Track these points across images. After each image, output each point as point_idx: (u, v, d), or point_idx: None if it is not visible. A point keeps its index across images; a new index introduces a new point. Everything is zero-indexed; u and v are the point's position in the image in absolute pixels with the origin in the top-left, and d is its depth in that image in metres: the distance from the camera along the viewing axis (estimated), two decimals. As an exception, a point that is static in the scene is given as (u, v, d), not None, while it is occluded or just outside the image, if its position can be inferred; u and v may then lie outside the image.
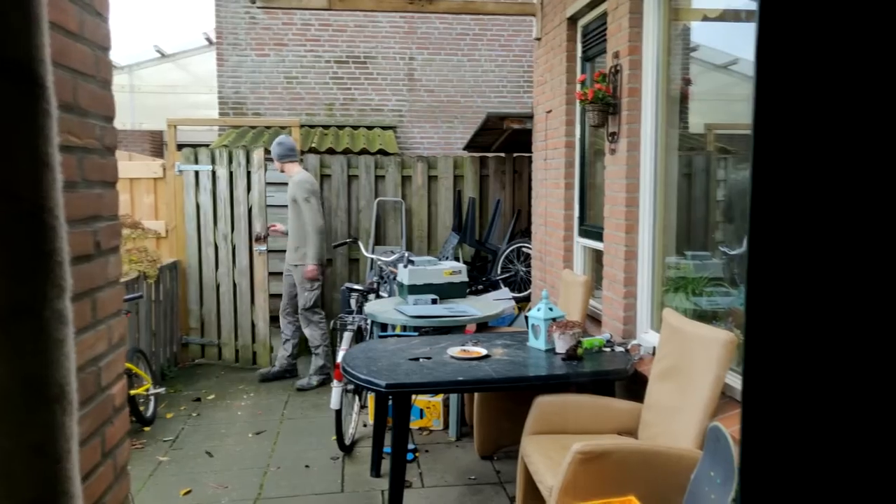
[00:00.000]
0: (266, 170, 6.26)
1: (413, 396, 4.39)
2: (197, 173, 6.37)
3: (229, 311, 6.37)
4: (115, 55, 10.28)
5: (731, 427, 2.62)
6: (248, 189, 6.25)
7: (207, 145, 7.08)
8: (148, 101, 11.45)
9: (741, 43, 4.12)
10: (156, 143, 11.15)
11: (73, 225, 1.37)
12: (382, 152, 7.76)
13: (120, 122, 10.29)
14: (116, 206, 1.58)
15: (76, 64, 1.39)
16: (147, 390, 4.75)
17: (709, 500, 2.40)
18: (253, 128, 8.42)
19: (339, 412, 4.09)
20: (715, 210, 6.48)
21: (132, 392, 4.46)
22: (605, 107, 4.13)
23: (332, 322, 5.55)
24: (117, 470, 1.56)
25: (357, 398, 4.63)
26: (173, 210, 6.41)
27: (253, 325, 6.36)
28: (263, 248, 6.25)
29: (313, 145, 7.64)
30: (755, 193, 0.69)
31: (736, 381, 3.03)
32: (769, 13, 0.66)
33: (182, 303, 6.46)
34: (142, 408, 4.67)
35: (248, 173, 6.27)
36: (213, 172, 6.29)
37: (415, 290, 4.84)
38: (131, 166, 6.46)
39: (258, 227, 6.23)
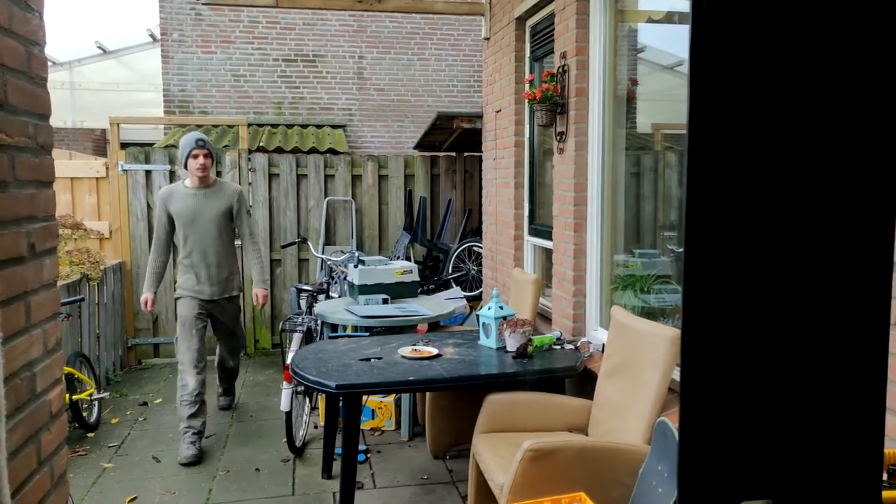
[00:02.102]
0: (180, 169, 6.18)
1: (364, 397, 4.37)
2: (148, 173, 6.27)
3: None
4: (54, 51, 9.86)
5: (678, 422, 2.67)
6: None
7: (152, 144, 6.92)
8: (89, 98, 11.10)
9: (686, 44, 4.22)
10: (98, 142, 10.82)
11: (5, 226, 1.32)
12: (332, 151, 7.69)
13: (60, 120, 9.92)
14: (52, 207, 1.52)
15: (5, 59, 1.34)
16: (90, 395, 4.61)
17: (656, 494, 2.45)
18: (199, 126, 8.25)
19: (289, 414, 4.03)
20: (663, 208, 6.62)
21: (75, 398, 4.32)
22: (553, 106, 4.17)
23: (281, 323, 5.47)
24: (55, 478, 1.51)
25: (308, 400, 4.58)
26: (118, 210, 6.24)
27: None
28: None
29: (261, 144, 7.53)
30: (690, 194, 0.70)
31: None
32: (701, 21, 0.68)
33: (128, 304, 6.30)
34: (85, 413, 4.53)
35: (219, 173, 6.40)
36: (172, 172, 6.27)
37: (365, 290, 4.81)
38: (72, 165, 6.26)
39: None
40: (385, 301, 4.79)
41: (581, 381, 3.78)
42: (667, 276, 4.71)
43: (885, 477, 1.41)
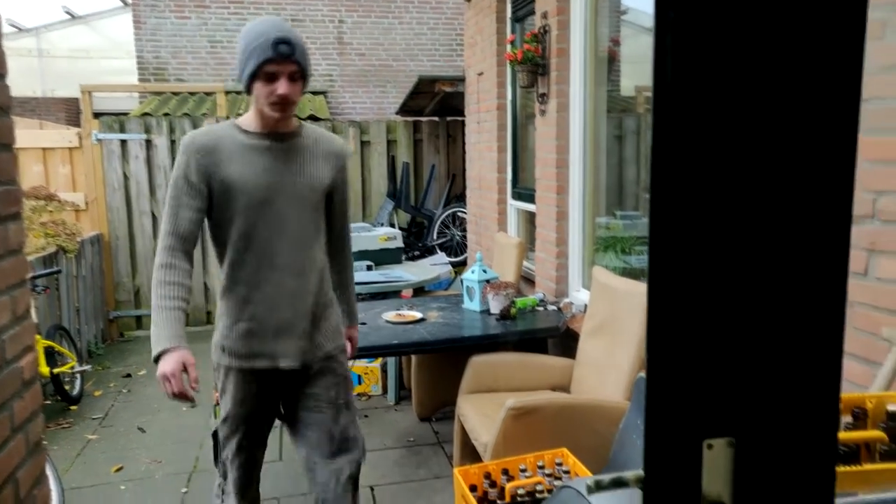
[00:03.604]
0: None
1: (350, 363, 4.37)
2: (124, 142, 6.18)
3: None
4: (19, 16, 9.50)
5: (645, 368, 2.70)
6: None
7: (127, 114, 6.80)
8: (59, 66, 10.83)
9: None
10: (71, 112, 10.61)
11: (-35, 189, 1.28)
12: (313, 118, 7.60)
13: (30, 89, 9.67)
14: (14, 171, 1.48)
15: (-41, 15, 1.29)
16: (72, 368, 4.58)
17: (635, 447, 2.48)
18: (175, 94, 8.11)
19: (274, 381, 4.03)
20: (645, 171, 6.60)
21: (56, 371, 4.29)
22: (534, 67, 4.13)
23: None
24: (30, 445, 1.50)
25: (293, 367, 4.57)
26: (93, 181, 6.14)
27: (206, 287, 6.53)
28: None
29: (240, 112, 7.42)
30: (656, 159, 0.69)
31: (662, 334, 3.12)
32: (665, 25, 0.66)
33: (108, 277, 6.25)
34: (67, 387, 4.51)
35: None
36: (148, 141, 6.19)
37: (349, 256, 4.79)
38: (44, 135, 6.13)
39: None
40: (369, 268, 4.78)
41: (564, 342, 3.80)
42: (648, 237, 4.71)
43: (849, 420, 1.43)
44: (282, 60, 1.98)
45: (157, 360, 1.96)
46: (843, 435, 1.41)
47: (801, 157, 0.71)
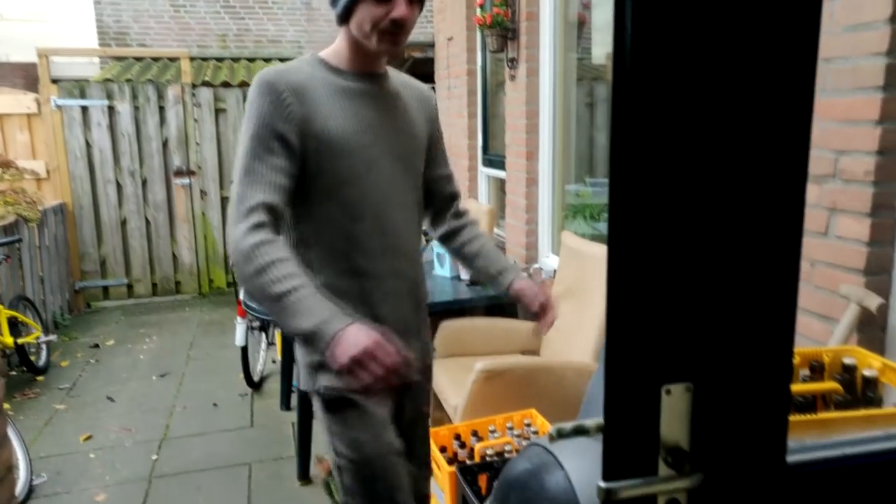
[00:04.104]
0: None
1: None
2: (85, 109, 6.02)
3: (142, 248, 6.39)
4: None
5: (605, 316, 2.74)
6: (162, 124, 6.31)
7: (87, 80, 6.62)
8: (14, 30, 10.47)
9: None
10: (30, 78, 10.27)
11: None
12: (281, 85, 7.47)
13: (-17, 55, 9.23)
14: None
15: None
16: (37, 339, 4.52)
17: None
18: (138, 59, 7.90)
19: (244, 349, 4.02)
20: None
21: (20, 341, 4.22)
22: (503, 32, 4.09)
23: (230, 259, 5.40)
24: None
25: (264, 335, 4.57)
26: (54, 149, 5.99)
27: (175, 257, 6.48)
28: (186, 181, 6.34)
29: (206, 79, 7.26)
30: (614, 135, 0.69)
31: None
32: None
33: (72, 247, 6.13)
34: (33, 357, 4.44)
35: (161, 109, 6.28)
36: (111, 108, 6.04)
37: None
38: (-1, 101, 5.95)
39: (177, 161, 6.34)
40: (338, 235, 4.75)
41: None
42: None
43: (807, 372, 1.47)
44: None
45: (324, 348, 1.31)
46: (800, 387, 1.45)
47: (758, 115, 0.72)
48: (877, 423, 1.26)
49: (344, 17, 1.53)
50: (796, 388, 1.44)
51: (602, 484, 0.76)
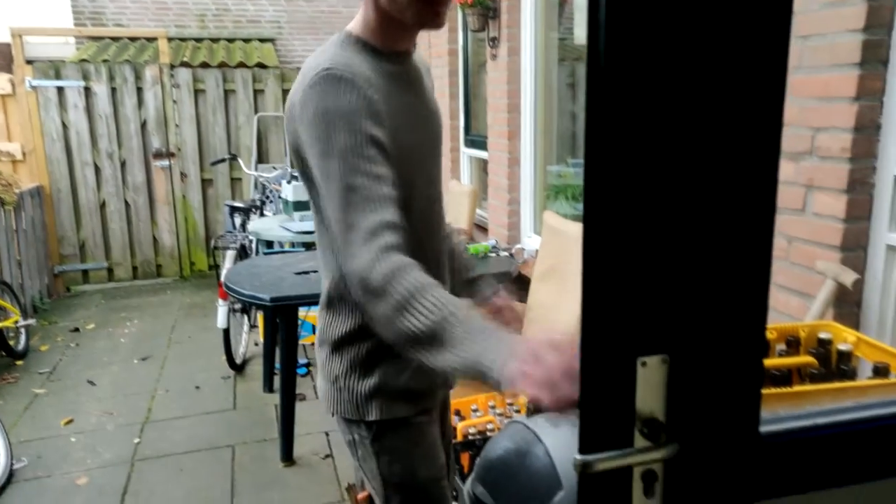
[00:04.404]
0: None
1: (304, 312, 4.36)
2: (61, 90, 5.92)
3: (121, 230, 6.33)
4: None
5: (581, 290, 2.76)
6: (140, 105, 6.24)
7: (63, 61, 6.51)
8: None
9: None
10: (3, 58, 10.09)
11: None
12: (261, 66, 7.38)
13: (-47, 34, 9.02)
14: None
15: None
16: (16, 323, 4.47)
17: (584, 386, 2.54)
18: (115, 39, 7.77)
19: (226, 331, 4.01)
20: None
21: (-1, 325, 4.18)
22: (484, 11, 4.07)
23: (212, 241, 5.36)
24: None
25: (246, 318, 4.55)
26: (30, 131, 5.90)
27: (155, 240, 6.42)
28: (166, 163, 6.27)
29: (185, 59, 7.15)
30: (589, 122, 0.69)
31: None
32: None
33: (51, 230, 6.06)
34: (11, 341, 4.40)
35: (139, 90, 6.22)
36: (87, 89, 5.94)
37: (300, 206, 4.72)
38: (-29, 81, 5.84)
39: (157, 143, 6.26)
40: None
41: (516, 286, 3.85)
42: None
43: (784, 347, 1.49)
44: None
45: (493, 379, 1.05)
46: (776, 360, 1.47)
47: (730, 93, 0.72)
48: (849, 396, 1.28)
49: None
50: (773, 361, 1.46)
51: (578, 457, 0.77)
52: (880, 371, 1.34)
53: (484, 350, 1.03)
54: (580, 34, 4.81)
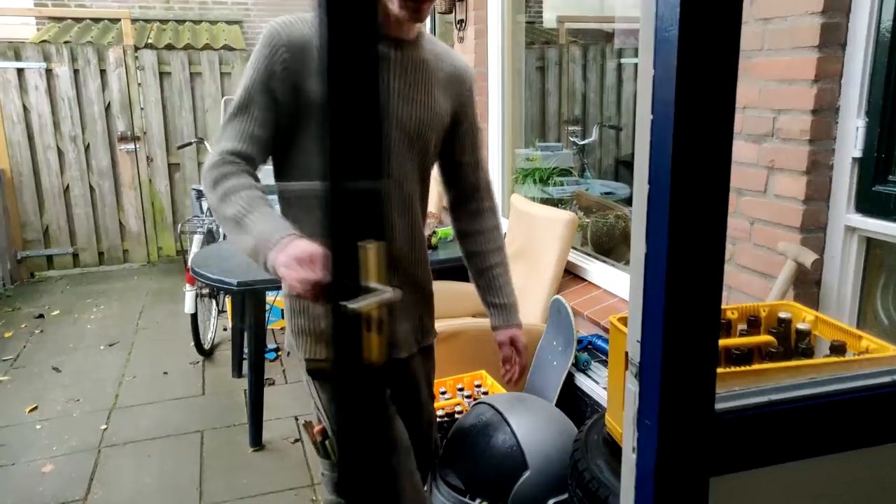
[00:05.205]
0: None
1: (273, 297, 4.33)
2: (21, 71, 5.77)
3: (86, 215, 6.22)
4: None
5: (571, 301, 2.78)
6: (104, 88, 6.09)
7: (23, 42, 6.34)
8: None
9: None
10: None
11: None
12: (228, 48, 7.27)
13: None
14: None
15: None
16: (-23, 310, 4.38)
17: (552, 367, 2.57)
18: (78, 20, 7.59)
19: (194, 316, 3.96)
20: (567, 103, 6.66)
21: (-41, 312, 4.09)
22: (453, -8, 4.04)
23: (179, 226, 5.29)
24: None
25: (214, 303, 4.50)
26: (-11, 113, 5.75)
27: (122, 225, 6.32)
28: (131, 146, 6.17)
29: (150, 41, 7.01)
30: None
31: (576, 259, 3.20)
32: None
33: (13, 215, 5.93)
34: (-27, 329, 4.31)
35: (103, 72, 6.07)
36: (49, 71, 5.80)
37: (269, 189, 4.67)
38: (-71, 63, 5.66)
39: (122, 127, 6.15)
40: (289, 200, 4.68)
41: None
42: (568, 168, 4.79)
43: (745, 327, 1.51)
44: None
45: (269, 256, 1.29)
46: (737, 340, 1.50)
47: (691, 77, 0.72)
48: (806, 373, 1.31)
49: None
50: (733, 341, 1.49)
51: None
52: (837, 349, 1.37)
53: (275, 229, 1.31)
54: (549, 17, 4.83)
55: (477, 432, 1.98)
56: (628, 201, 4.36)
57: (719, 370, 0.87)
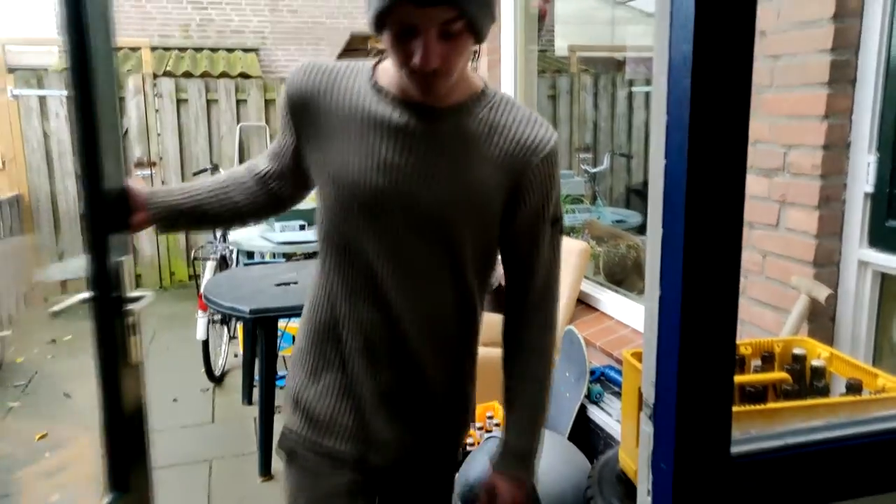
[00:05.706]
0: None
1: (284, 323, 4.33)
2: (43, 99, 5.88)
3: None
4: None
5: (584, 331, 2.77)
6: (122, 114, 6.21)
7: (45, 69, 6.47)
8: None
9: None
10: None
11: None
12: (244, 76, 7.37)
13: (-64, 42, 8.94)
14: None
15: None
16: (-9, 334, 4.41)
17: (564, 399, 2.56)
18: (97, 49, 7.73)
19: (206, 343, 3.98)
20: (579, 131, 6.70)
21: (-27, 336, 4.12)
22: (466, 24, 4.09)
23: (192, 252, 5.32)
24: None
25: (226, 329, 4.52)
26: (10, 139, 5.84)
27: (135, 250, 6.36)
28: (147, 172, 6.26)
29: (168, 69, 7.13)
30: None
31: (589, 289, 3.20)
32: None
33: (30, 241, 6.00)
34: (-14, 353, 4.34)
35: (122, 99, 6.16)
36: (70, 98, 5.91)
37: (282, 216, 4.71)
38: (-48, 90, 5.78)
39: (138, 152, 6.25)
40: (302, 227, 4.71)
41: (497, 298, 3.85)
42: (580, 196, 4.81)
43: (759, 363, 1.50)
44: (424, 3, 1.04)
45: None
46: (751, 377, 1.48)
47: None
48: (822, 413, 1.29)
49: (377, 28, 1.10)
50: (747, 377, 1.47)
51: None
52: (853, 388, 1.36)
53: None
54: (561, 45, 4.87)
55: (488, 469, 1.96)
56: (639, 230, 4.36)
57: (734, 409, 0.86)
